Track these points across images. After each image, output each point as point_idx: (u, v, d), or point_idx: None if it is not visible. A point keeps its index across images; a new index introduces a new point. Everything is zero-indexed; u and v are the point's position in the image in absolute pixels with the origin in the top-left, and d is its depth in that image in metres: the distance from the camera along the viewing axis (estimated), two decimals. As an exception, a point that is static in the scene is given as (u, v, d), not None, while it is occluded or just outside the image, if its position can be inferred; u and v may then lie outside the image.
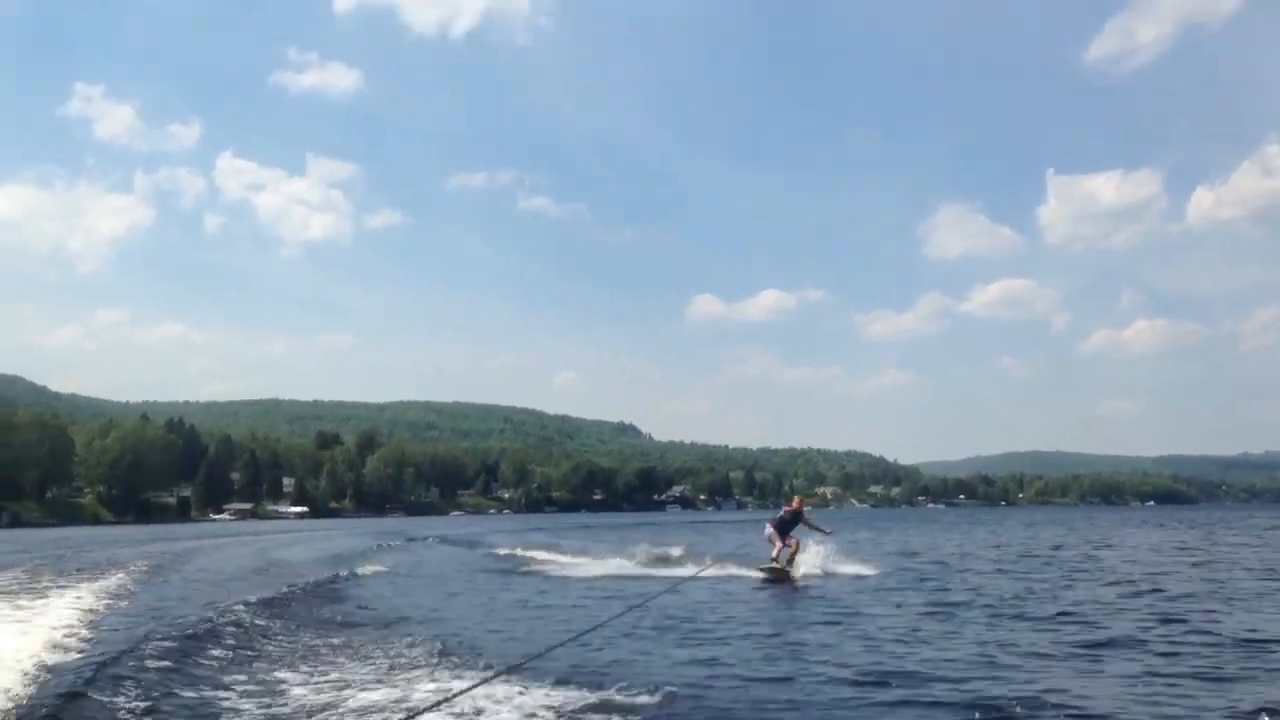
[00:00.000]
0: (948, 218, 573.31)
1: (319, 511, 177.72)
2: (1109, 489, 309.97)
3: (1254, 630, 12.35)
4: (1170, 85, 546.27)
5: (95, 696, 8.18)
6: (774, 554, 22.93)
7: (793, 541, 23.25)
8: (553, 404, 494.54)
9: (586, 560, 27.93)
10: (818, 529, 24.26)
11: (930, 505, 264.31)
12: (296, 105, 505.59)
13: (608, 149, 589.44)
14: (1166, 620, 13.49)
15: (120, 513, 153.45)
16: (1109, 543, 38.24)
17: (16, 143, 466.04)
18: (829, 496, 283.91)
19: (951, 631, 12.98)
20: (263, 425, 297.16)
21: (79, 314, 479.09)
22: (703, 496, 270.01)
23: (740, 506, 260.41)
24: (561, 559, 30.73)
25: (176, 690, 8.82)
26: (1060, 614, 14.36)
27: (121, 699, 8.24)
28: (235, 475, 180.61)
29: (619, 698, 8.55)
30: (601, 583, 21.11)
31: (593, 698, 8.48)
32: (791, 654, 11.43)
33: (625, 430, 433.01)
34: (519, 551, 36.63)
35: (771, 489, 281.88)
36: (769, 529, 23.69)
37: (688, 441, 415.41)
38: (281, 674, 10.03)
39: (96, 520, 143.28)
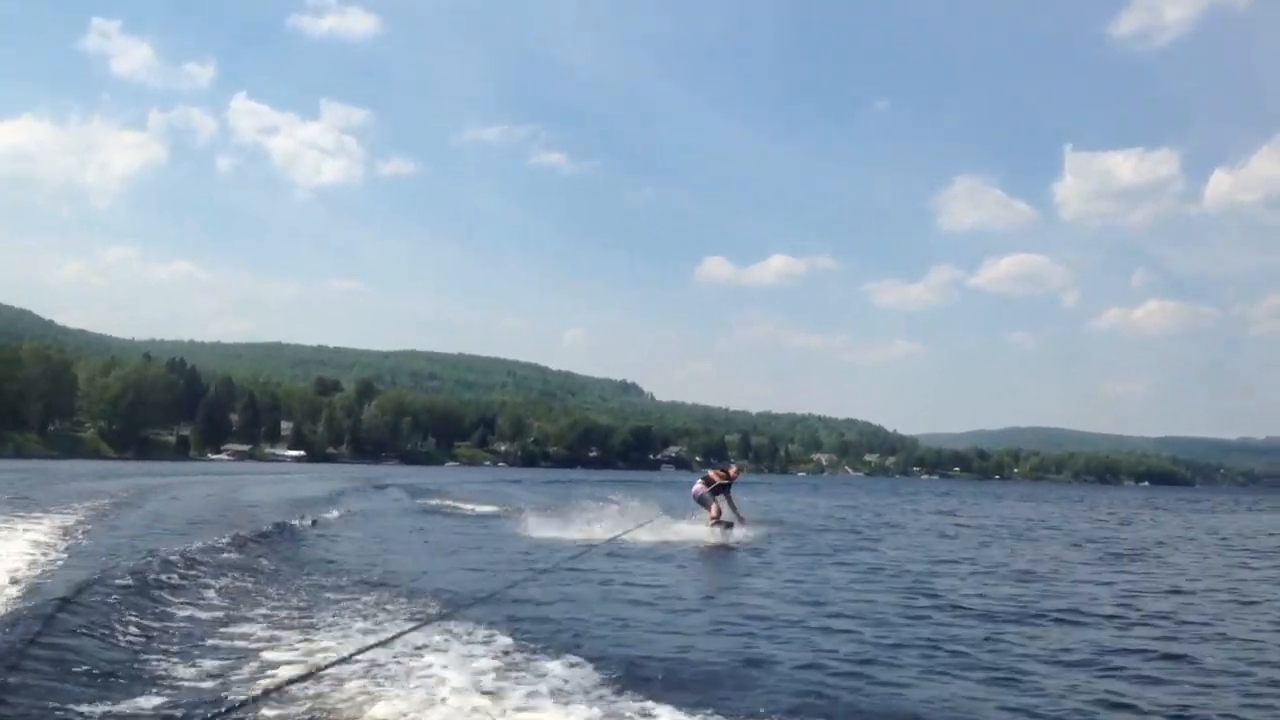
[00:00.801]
0: (963, 190, 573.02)
1: (316, 456, 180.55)
2: (1104, 468, 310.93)
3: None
4: (1194, 65, 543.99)
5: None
6: (711, 514, 22.52)
7: (715, 507, 22.62)
8: (559, 360, 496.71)
9: (529, 516, 27.46)
10: (734, 509, 23.12)
11: (924, 477, 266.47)
12: (313, 48, 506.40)
13: (626, 107, 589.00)
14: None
15: (120, 448, 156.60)
16: (980, 517, 40.09)
17: (32, 75, 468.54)
18: (824, 463, 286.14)
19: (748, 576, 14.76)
20: (266, 368, 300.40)
21: (89, 249, 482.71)
22: (698, 458, 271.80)
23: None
24: (500, 511, 31.67)
25: (95, 639, 8.30)
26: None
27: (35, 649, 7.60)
28: (234, 417, 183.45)
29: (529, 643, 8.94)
30: (528, 540, 21.05)
31: (509, 641, 8.87)
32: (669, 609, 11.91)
33: (628, 389, 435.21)
34: (461, 505, 36.97)
35: (767, 453, 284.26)
36: (698, 487, 23.26)
37: (689, 403, 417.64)
38: (206, 617, 10.03)
39: (97, 454, 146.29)
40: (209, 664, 7.99)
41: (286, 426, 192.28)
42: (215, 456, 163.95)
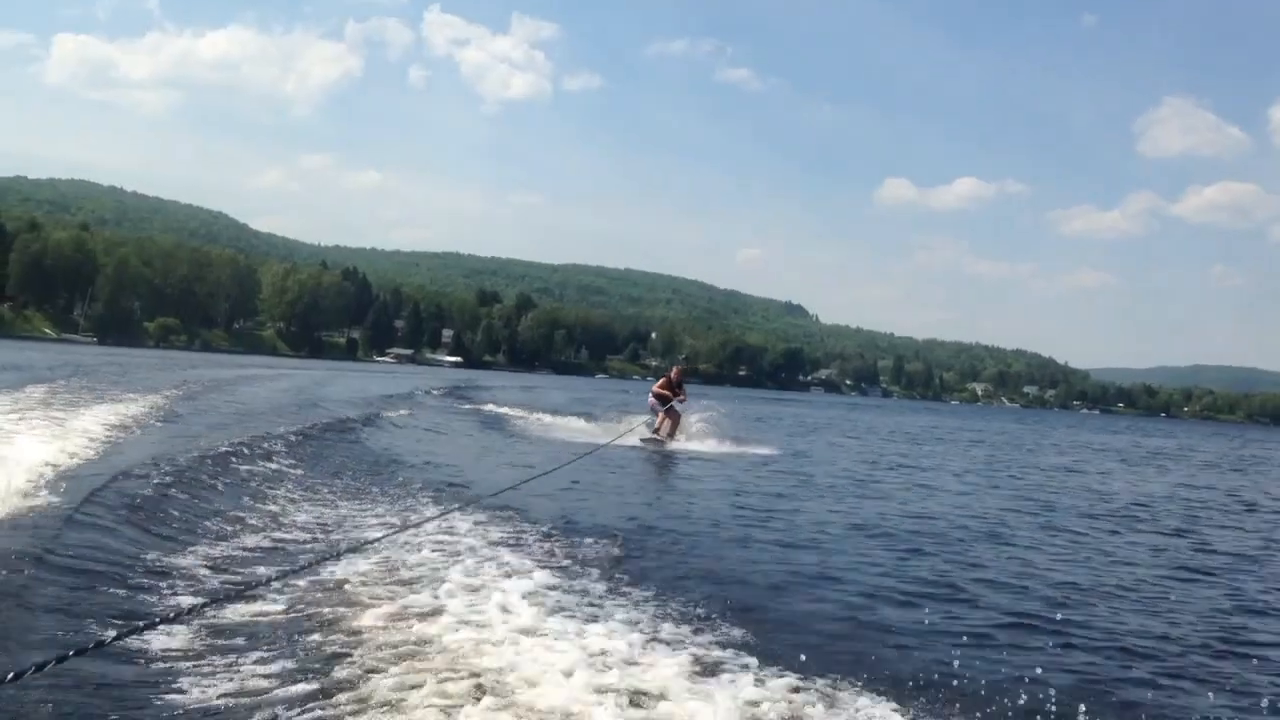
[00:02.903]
0: (1170, 111, 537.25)
1: (473, 363, 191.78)
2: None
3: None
4: None
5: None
6: (656, 425, 22.81)
7: (666, 419, 22.78)
8: (728, 279, 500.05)
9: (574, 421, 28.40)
10: (672, 428, 22.87)
11: (1084, 411, 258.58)
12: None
13: (813, 20, 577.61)
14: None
15: (296, 347, 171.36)
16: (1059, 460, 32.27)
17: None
18: (979, 393, 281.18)
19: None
20: (440, 277, 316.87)
21: (287, 157, 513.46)
22: (848, 382, 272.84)
23: (886, 395, 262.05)
24: (548, 419, 30.56)
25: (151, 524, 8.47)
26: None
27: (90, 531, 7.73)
28: (400, 323, 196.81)
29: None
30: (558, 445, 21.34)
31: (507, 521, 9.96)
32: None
33: (792, 310, 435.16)
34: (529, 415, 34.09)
35: (920, 380, 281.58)
36: (651, 399, 23.41)
37: (854, 326, 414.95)
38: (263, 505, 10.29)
39: (274, 352, 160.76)
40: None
41: (448, 334, 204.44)
42: (380, 359, 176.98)
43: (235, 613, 6.23)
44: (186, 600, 6.41)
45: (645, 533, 10.32)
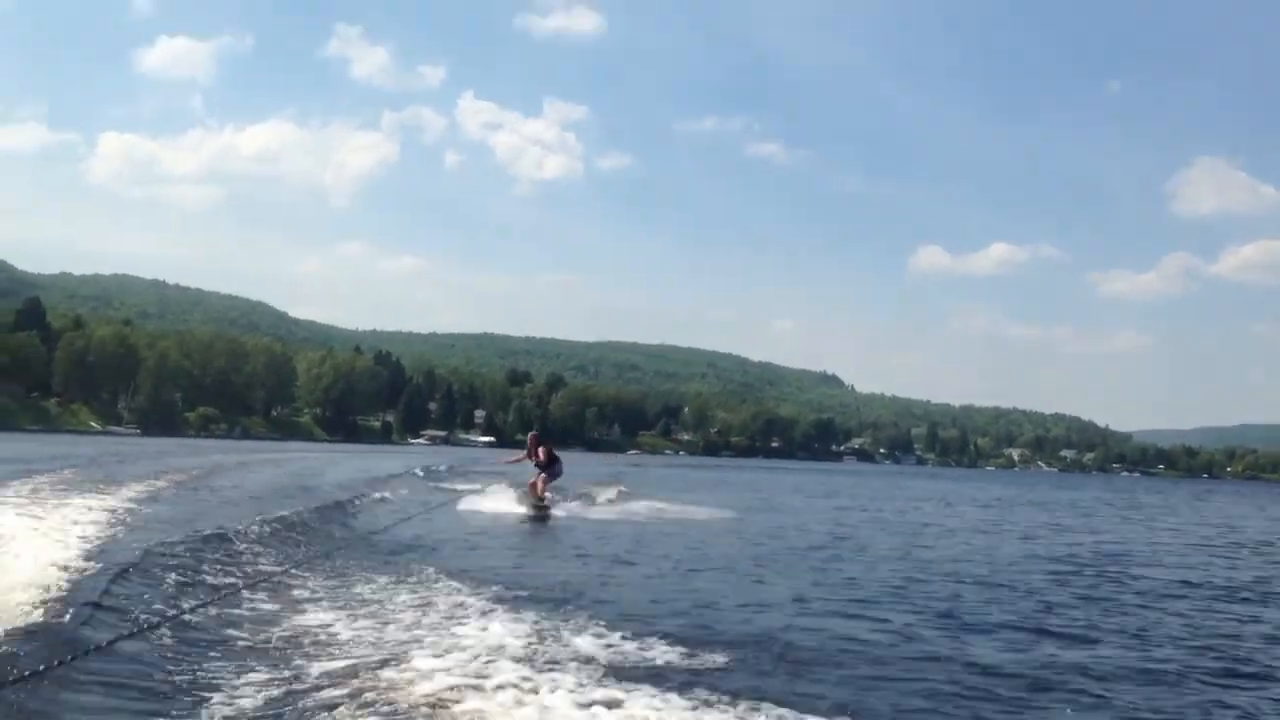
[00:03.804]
0: (1202, 172, 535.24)
1: (504, 442, 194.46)
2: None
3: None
4: None
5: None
6: (540, 492, 23.99)
7: (538, 481, 24.09)
8: (762, 352, 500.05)
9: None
10: (538, 493, 24.22)
11: (1124, 474, 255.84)
12: (538, 48, 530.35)
13: (842, 95, 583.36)
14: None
15: (332, 432, 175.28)
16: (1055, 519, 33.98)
17: (282, 81, 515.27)
18: (1015, 458, 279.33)
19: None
20: (476, 358, 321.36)
21: (325, 245, 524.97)
22: (882, 450, 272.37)
23: (920, 462, 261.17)
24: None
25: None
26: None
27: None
28: (433, 405, 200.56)
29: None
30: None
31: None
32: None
33: (827, 380, 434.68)
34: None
35: (955, 446, 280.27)
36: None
37: (889, 395, 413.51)
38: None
39: (311, 437, 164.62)
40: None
41: (480, 415, 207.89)
42: (414, 441, 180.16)
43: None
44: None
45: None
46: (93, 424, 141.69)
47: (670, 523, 24.19)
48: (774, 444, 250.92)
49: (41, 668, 6.01)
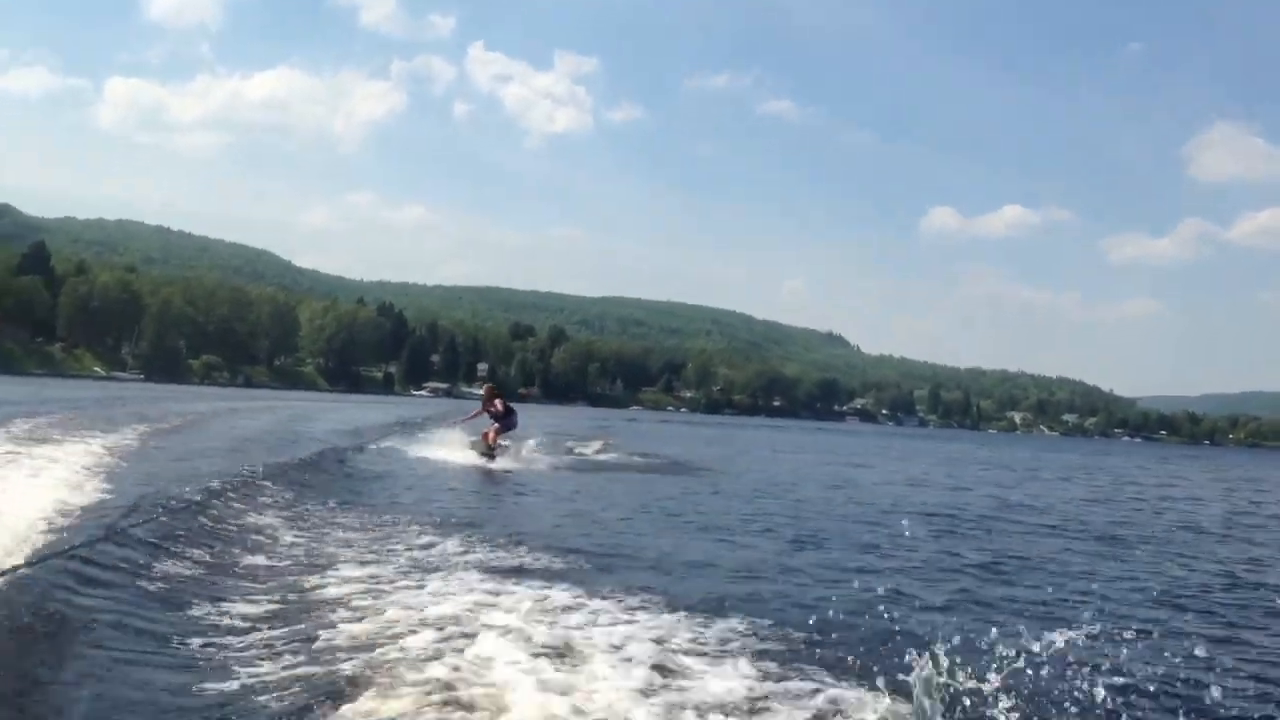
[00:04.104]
0: (1220, 137, 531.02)
1: (507, 395, 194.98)
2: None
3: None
4: None
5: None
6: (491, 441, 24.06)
7: (486, 434, 24.17)
8: (771, 311, 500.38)
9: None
10: (492, 444, 24.05)
11: (1125, 439, 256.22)
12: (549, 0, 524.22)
13: (855, 51, 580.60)
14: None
15: (334, 382, 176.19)
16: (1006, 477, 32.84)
17: (290, 28, 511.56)
18: (1017, 421, 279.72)
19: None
20: (482, 311, 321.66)
21: (333, 194, 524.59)
22: (885, 411, 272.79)
23: (923, 424, 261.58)
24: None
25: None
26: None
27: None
28: (435, 357, 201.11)
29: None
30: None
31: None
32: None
33: (833, 340, 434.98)
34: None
35: (957, 408, 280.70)
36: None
37: (896, 356, 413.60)
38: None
39: (314, 387, 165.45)
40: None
41: (483, 368, 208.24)
42: (416, 392, 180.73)
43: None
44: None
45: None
46: (97, 369, 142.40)
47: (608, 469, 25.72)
48: (776, 403, 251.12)
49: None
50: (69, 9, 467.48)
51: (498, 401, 25.14)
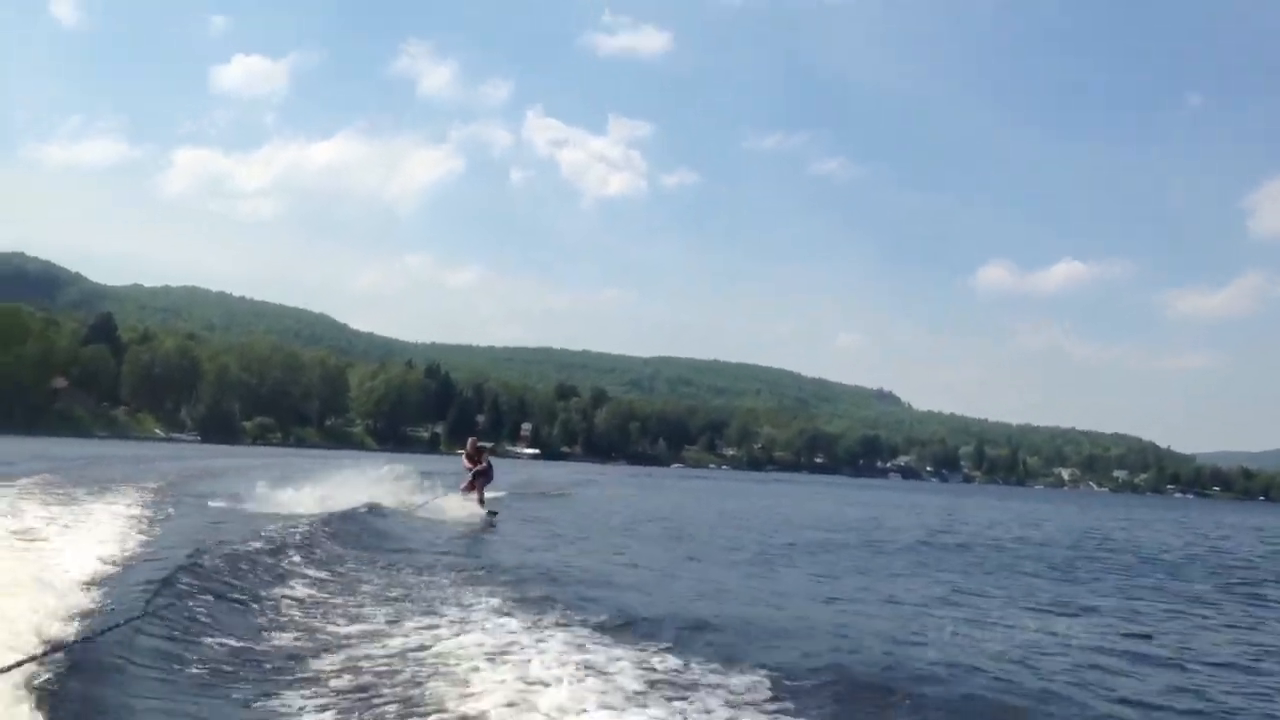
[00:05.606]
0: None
1: (550, 455, 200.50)
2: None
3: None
4: None
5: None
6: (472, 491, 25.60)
7: (472, 487, 25.73)
8: (821, 369, 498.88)
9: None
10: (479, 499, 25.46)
11: (1177, 495, 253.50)
12: (603, 66, 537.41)
13: (908, 111, 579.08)
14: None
15: (382, 442, 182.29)
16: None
17: (351, 96, 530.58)
18: (1065, 478, 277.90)
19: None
20: (534, 372, 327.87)
21: (388, 257, 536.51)
22: (929, 468, 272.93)
23: (967, 480, 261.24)
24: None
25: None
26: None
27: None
28: (480, 417, 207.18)
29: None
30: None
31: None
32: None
33: (883, 397, 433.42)
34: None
35: (1003, 465, 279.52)
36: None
37: (946, 412, 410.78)
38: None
39: (363, 447, 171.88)
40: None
41: (527, 428, 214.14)
42: (460, 451, 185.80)
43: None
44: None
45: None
46: (157, 431, 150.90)
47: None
48: (818, 459, 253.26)
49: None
50: (140, 81, 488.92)
51: (481, 456, 26.93)
